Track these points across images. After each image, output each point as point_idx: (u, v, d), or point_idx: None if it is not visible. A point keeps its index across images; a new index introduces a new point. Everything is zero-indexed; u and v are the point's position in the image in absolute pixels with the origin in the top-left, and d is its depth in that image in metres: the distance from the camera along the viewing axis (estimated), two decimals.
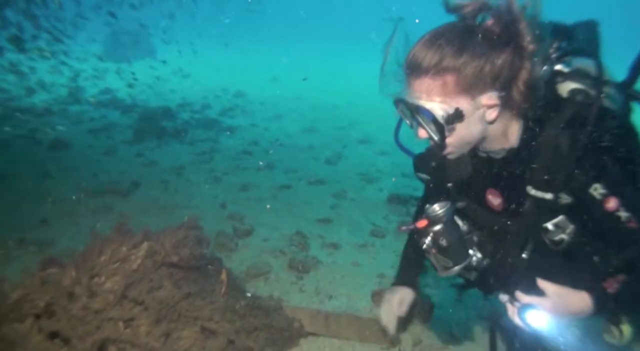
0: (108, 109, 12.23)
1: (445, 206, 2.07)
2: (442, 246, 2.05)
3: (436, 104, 1.91)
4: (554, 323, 2.09)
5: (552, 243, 2.14)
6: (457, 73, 1.84)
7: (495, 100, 1.91)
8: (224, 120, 11.83)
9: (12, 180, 6.63)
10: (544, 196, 2.03)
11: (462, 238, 2.13)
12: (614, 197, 1.95)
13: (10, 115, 10.44)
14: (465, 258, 2.13)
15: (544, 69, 2.01)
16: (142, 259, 3.15)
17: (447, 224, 2.07)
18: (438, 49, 1.85)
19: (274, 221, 5.86)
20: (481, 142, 2.10)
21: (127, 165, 7.77)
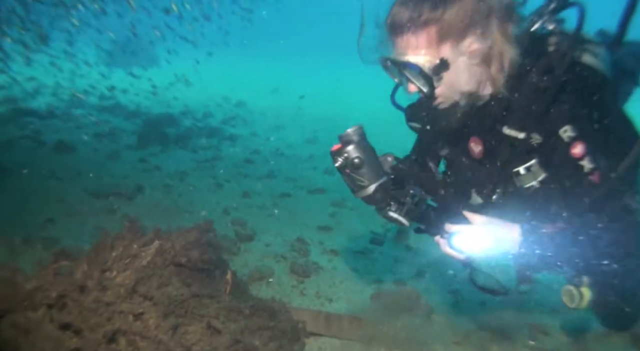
0: (112, 114, 12.35)
1: (356, 127, 2.14)
2: (355, 164, 2.11)
3: (421, 57, 2.01)
4: (482, 249, 2.17)
5: (523, 190, 2.21)
6: (436, 23, 1.94)
7: (476, 44, 2.01)
8: (225, 128, 11.96)
9: (17, 180, 6.70)
10: (517, 135, 2.11)
11: (376, 159, 2.18)
12: (582, 143, 2.00)
13: (14, 116, 10.56)
14: (379, 178, 2.16)
15: (537, 25, 2.14)
16: (152, 256, 3.26)
17: (359, 144, 2.12)
18: (416, 3, 1.95)
19: (276, 227, 5.96)
20: (471, 88, 2.16)
21: (131, 170, 7.88)
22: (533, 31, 2.15)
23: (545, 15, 2.13)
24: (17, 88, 13.59)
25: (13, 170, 6.93)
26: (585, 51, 2.13)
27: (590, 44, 2.16)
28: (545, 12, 2.13)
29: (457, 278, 5.05)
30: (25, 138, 9.07)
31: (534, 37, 2.15)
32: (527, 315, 4.23)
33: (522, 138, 2.10)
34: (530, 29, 2.15)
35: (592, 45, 2.16)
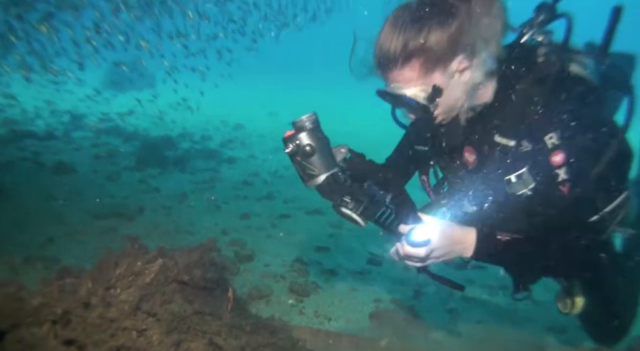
0: (110, 137, 12.43)
1: (310, 114, 2.10)
2: (306, 152, 2.05)
3: (414, 89, 2.06)
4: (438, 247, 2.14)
5: (514, 196, 2.21)
6: (423, 52, 1.98)
7: (464, 63, 2.05)
8: (224, 151, 12.05)
9: (17, 200, 6.74)
10: (507, 143, 2.15)
11: (329, 149, 2.13)
12: (563, 152, 2.04)
13: (14, 138, 10.64)
14: (330, 168, 2.10)
15: (527, 36, 2.20)
16: (155, 274, 3.31)
17: (311, 132, 2.07)
18: (399, 36, 1.98)
19: (275, 248, 6.01)
20: (466, 102, 2.21)
21: (130, 191, 7.93)
22: (523, 42, 2.21)
23: (534, 27, 2.19)
24: (16, 110, 13.71)
25: (13, 191, 6.98)
26: (574, 61, 2.19)
27: (578, 55, 2.22)
28: (535, 24, 2.19)
29: (453, 297, 5.11)
30: (25, 159, 9.15)
31: (524, 48, 2.21)
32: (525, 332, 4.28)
33: (513, 146, 2.14)
34: (520, 41, 2.21)
35: (580, 55, 2.22)
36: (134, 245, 3.44)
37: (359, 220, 2.15)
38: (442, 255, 2.16)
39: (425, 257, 2.13)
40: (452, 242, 2.15)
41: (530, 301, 5.11)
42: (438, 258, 2.17)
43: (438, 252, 2.13)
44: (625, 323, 2.86)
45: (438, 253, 2.14)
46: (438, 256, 2.16)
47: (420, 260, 2.16)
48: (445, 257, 2.18)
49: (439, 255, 2.15)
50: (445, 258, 2.19)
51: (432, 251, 2.11)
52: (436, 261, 2.19)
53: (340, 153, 2.18)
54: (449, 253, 2.17)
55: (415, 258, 2.15)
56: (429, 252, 2.11)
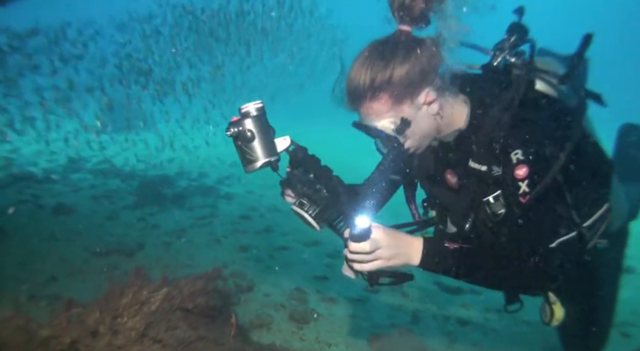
0: (108, 177, 12.57)
1: (257, 102, 2.13)
2: (247, 137, 2.08)
3: (384, 121, 2.13)
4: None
5: (495, 215, 2.22)
6: (390, 87, 2.05)
7: (432, 95, 2.11)
8: (221, 187, 12.18)
9: (19, 241, 6.85)
10: (480, 168, 2.19)
11: (270, 137, 2.15)
12: (526, 166, 2.05)
13: (13, 181, 10.78)
14: (269, 156, 2.14)
15: (499, 59, 2.26)
16: (160, 302, 3.44)
17: (255, 119, 2.10)
18: (367, 71, 2.06)
19: (274, 279, 6.11)
20: (439, 132, 2.28)
21: (130, 229, 8.03)
22: (496, 65, 2.27)
23: (506, 49, 2.26)
24: (14, 154, 13.88)
25: (14, 232, 7.09)
26: (543, 80, 2.28)
27: (547, 74, 2.28)
28: (506, 46, 2.26)
29: (450, 320, 5.21)
30: (25, 202, 9.25)
31: (497, 70, 2.27)
32: None
33: (485, 171, 2.18)
34: (493, 63, 2.28)
35: (550, 75, 2.28)
36: (138, 275, 3.57)
37: (314, 223, 2.17)
38: (389, 256, 2.06)
39: (372, 253, 2.03)
40: (398, 242, 2.10)
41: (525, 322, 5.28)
42: (385, 259, 2.06)
43: (385, 251, 2.04)
44: (602, 334, 2.90)
45: (385, 253, 2.05)
46: (385, 257, 2.05)
47: (366, 259, 2.05)
48: (392, 260, 2.08)
49: (386, 255, 2.05)
50: (393, 261, 2.09)
51: (377, 248, 2.03)
52: (383, 264, 2.07)
53: (282, 143, 2.21)
54: (396, 255, 2.08)
55: (361, 256, 2.04)
56: (373, 248, 2.02)
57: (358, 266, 2.09)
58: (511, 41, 2.25)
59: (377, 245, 2.03)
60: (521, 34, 2.26)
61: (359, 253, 2.04)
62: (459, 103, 2.27)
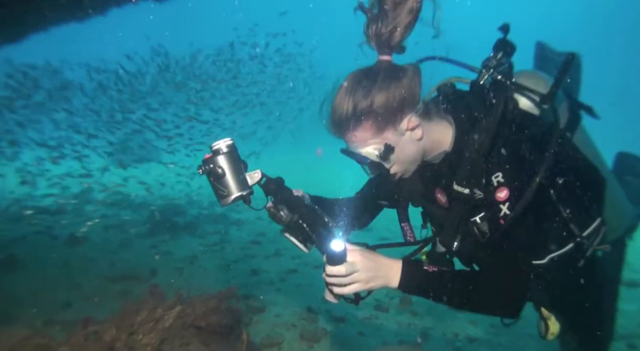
0: (119, 208, 12.75)
1: (227, 139, 2.18)
2: (218, 174, 2.12)
3: (368, 148, 2.15)
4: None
5: (482, 235, 2.20)
6: (371, 115, 2.07)
7: (414, 121, 2.12)
8: (231, 214, 12.33)
9: (34, 270, 7.03)
10: (462, 191, 2.16)
11: (241, 172, 2.19)
12: (507, 188, 2.06)
13: (26, 214, 10.98)
14: (242, 190, 2.17)
15: (485, 77, 2.25)
16: (173, 319, 3.56)
17: (227, 156, 2.15)
18: (349, 100, 2.09)
19: (284, 300, 6.22)
20: (425, 155, 2.29)
21: (143, 256, 8.18)
22: (482, 84, 2.26)
23: (491, 67, 2.24)
24: (26, 188, 14.08)
25: (28, 262, 7.27)
26: (527, 98, 2.32)
27: (531, 92, 2.29)
28: (492, 63, 2.25)
29: (459, 337, 5.28)
30: (38, 233, 9.42)
31: (482, 89, 2.26)
32: None
33: (467, 194, 2.16)
34: (479, 82, 2.27)
35: (533, 93, 2.28)
36: (154, 293, 3.69)
37: (301, 246, 2.23)
38: (367, 279, 2.05)
39: (348, 276, 2.02)
40: (376, 264, 2.09)
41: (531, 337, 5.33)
42: (363, 282, 2.05)
43: (362, 275, 2.03)
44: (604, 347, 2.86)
45: (362, 276, 2.03)
46: (363, 279, 2.04)
47: (343, 282, 2.04)
48: (370, 282, 2.06)
49: (363, 278, 2.04)
50: (371, 284, 2.07)
51: (354, 271, 2.02)
52: (361, 287, 2.06)
53: (253, 177, 2.26)
54: (373, 278, 2.06)
55: (338, 279, 2.04)
56: (350, 271, 2.01)
57: (337, 290, 2.08)
58: (497, 58, 2.25)
59: (354, 268, 2.02)
60: (507, 51, 2.26)
61: (335, 277, 2.03)
62: (444, 125, 2.28)
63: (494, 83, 2.25)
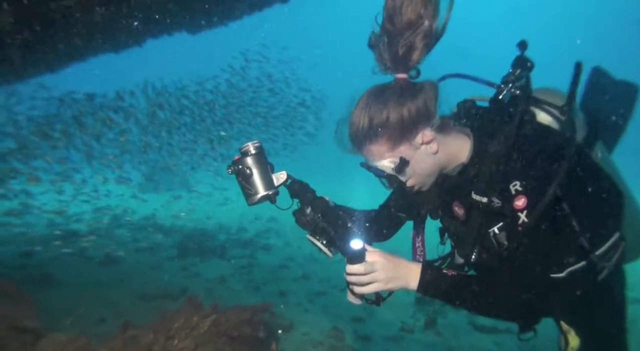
0: (150, 232, 13.01)
1: (255, 141, 2.28)
2: (246, 173, 2.24)
3: (384, 161, 2.19)
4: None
5: (500, 246, 2.23)
6: (386, 129, 2.12)
7: (429, 135, 2.14)
8: (259, 240, 12.51)
9: (69, 287, 7.24)
10: (481, 199, 2.20)
11: (267, 173, 2.29)
12: (525, 197, 2.06)
13: (60, 237, 11.28)
14: (268, 189, 2.27)
15: (504, 92, 2.27)
16: (208, 327, 3.72)
17: (255, 157, 2.25)
18: (365, 115, 2.13)
19: (312, 319, 6.34)
20: (442, 168, 2.30)
21: (173, 277, 8.36)
22: (501, 99, 2.29)
23: (510, 83, 2.27)
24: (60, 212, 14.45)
25: (62, 281, 7.53)
26: (546, 112, 2.34)
27: (549, 106, 2.33)
28: (510, 79, 2.27)
29: None
30: (72, 254, 9.69)
31: (501, 104, 2.30)
32: None
33: (486, 202, 2.19)
34: (498, 97, 2.30)
35: (551, 106, 2.33)
36: (191, 302, 3.87)
37: (325, 249, 2.27)
38: (386, 279, 2.09)
39: (367, 275, 2.07)
40: (395, 265, 2.12)
41: None
42: (382, 282, 2.08)
43: (381, 274, 2.08)
44: None
45: (381, 276, 2.08)
46: (382, 279, 2.08)
47: (363, 281, 2.08)
48: (390, 283, 2.09)
49: (382, 278, 2.08)
50: (390, 284, 2.10)
51: (373, 270, 2.07)
52: (381, 287, 2.09)
53: (279, 178, 2.34)
54: (393, 278, 2.10)
55: (357, 278, 2.08)
56: (369, 270, 2.06)
57: (357, 289, 2.11)
58: (516, 74, 2.28)
59: (373, 267, 2.07)
60: (525, 67, 2.29)
61: (355, 275, 2.08)
62: (462, 138, 2.31)
63: (513, 98, 2.29)
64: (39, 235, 11.54)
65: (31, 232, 12.13)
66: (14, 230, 11.82)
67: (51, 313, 6.09)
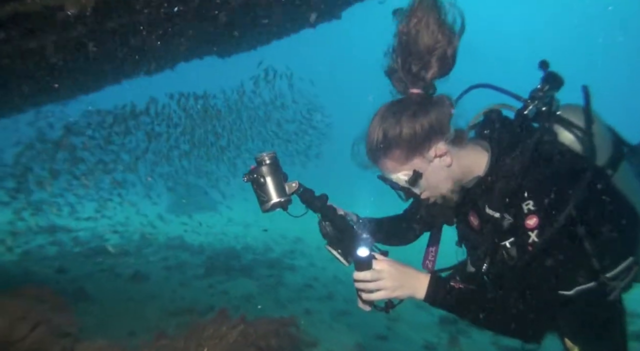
0: (178, 251, 13.25)
1: (270, 152, 2.38)
2: (260, 182, 2.34)
3: (398, 173, 2.24)
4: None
5: (511, 259, 2.25)
6: (400, 144, 2.16)
7: (442, 149, 2.18)
8: (285, 260, 12.67)
9: (101, 302, 7.45)
10: (493, 214, 2.23)
11: (281, 182, 2.38)
12: (537, 217, 2.08)
13: (91, 255, 11.57)
14: (280, 197, 2.36)
15: (530, 108, 2.28)
16: (237, 337, 3.86)
17: (269, 166, 2.34)
18: (380, 129, 2.18)
19: (336, 337, 6.45)
20: (457, 180, 2.31)
21: (201, 294, 8.53)
22: (526, 114, 2.30)
23: (537, 99, 2.29)
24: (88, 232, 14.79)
25: (94, 296, 7.72)
26: (570, 132, 2.32)
27: (572, 126, 2.31)
28: (538, 95, 2.29)
29: None
30: (102, 271, 9.94)
31: (525, 119, 2.31)
32: None
33: (498, 218, 2.22)
34: (523, 112, 2.31)
35: (574, 127, 2.31)
36: (221, 314, 4.02)
37: (341, 258, 2.36)
38: (393, 287, 2.13)
39: (374, 282, 2.12)
40: (403, 274, 2.16)
41: None
42: (389, 290, 2.13)
43: (388, 282, 2.12)
44: None
45: (388, 284, 2.12)
46: (389, 287, 2.13)
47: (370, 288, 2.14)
48: (397, 291, 2.14)
49: (389, 285, 2.13)
50: (397, 292, 2.14)
51: (380, 278, 2.12)
52: (388, 294, 2.14)
53: (291, 187, 2.42)
54: (400, 286, 2.14)
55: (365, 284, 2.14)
56: (375, 277, 2.12)
57: (365, 295, 2.17)
58: (544, 90, 2.30)
59: (380, 275, 2.11)
60: (554, 84, 2.30)
61: (362, 282, 2.13)
62: (478, 151, 2.33)
63: (537, 114, 2.31)
64: (72, 252, 11.83)
65: (64, 249, 12.45)
66: (48, 248, 12.18)
67: (83, 326, 6.29)
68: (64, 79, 6.04)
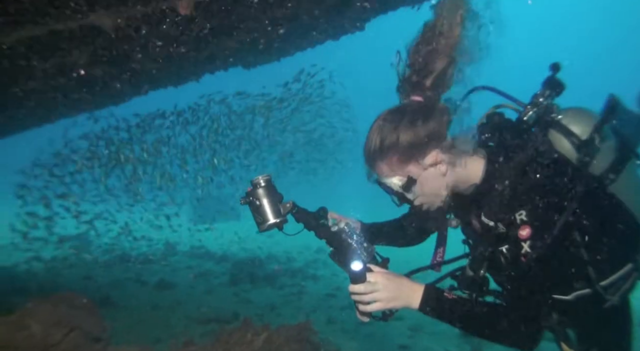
0: (202, 260, 13.44)
1: (265, 175, 2.44)
2: (256, 205, 2.39)
3: (393, 179, 2.25)
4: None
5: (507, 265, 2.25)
6: (396, 149, 2.17)
7: (439, 157, 2.18)
8: (308, 270, 12.78)
9: (127, 309, 7.66)
10: (488, 223, 2.23)
11: (276, 203, 2.43)
12: (529, 227, 2.08)
13: (117, 262, 11.80)
14: (276, 218, 2.41)
15: (530, 114, 2.28)
16: (262, 343, 3.99)
17: (264, 189, 2.40)
18: (378, 135, 2.21)
19: (358, 346, 6.55)
20: (453, 187, 2.32)
21: (225, 302, 8.69)
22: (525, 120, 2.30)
23: (537, 105, 2.29)
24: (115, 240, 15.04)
25: (121, 303, 7.95)
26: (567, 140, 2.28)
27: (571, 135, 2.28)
28: (538, 101, 2.29)
29: None
30: (129, 279, 10.15)
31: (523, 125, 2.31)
32: None
33: (492, 226, 2.23)
34: (522, 118, 2.31)
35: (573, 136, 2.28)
36: (246, 322, 4.15)
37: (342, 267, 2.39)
38: (388, 298, 2.16)
39: (369, 294, 2.14)
40: (397, 286, 2.19)
41: None
42: (384, 301, 2.16)
43: (383, 294, 2.14)
44: None
45: (383, 296, 2.15)
46: (384, 299, 2.15)
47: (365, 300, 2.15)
48: (392, 302, 2.17)
49: (384, 297, 2.15)
50: (392, 303, 2.17)
51: (375, 290, 2.14)
52: (383, 305, 2.17)
53: (286, 207, 2.48)
54: (395, 298, 2.17)
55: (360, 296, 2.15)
56: (370, 289, 2.13)
57: (361, 307, 2.19)
58: (545, 95, 2.30)
59: (374, 287, 2.13)
60: (555, 89, 2.30)
61: (357, 294, 2.15)
62: (475, 159, 2.31)
63: (537, 120, 2.31)
64: (99, 261, 12.07)
65: (91, 257, 12.68)
66: (75, 256, 12.42)
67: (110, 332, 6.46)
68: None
